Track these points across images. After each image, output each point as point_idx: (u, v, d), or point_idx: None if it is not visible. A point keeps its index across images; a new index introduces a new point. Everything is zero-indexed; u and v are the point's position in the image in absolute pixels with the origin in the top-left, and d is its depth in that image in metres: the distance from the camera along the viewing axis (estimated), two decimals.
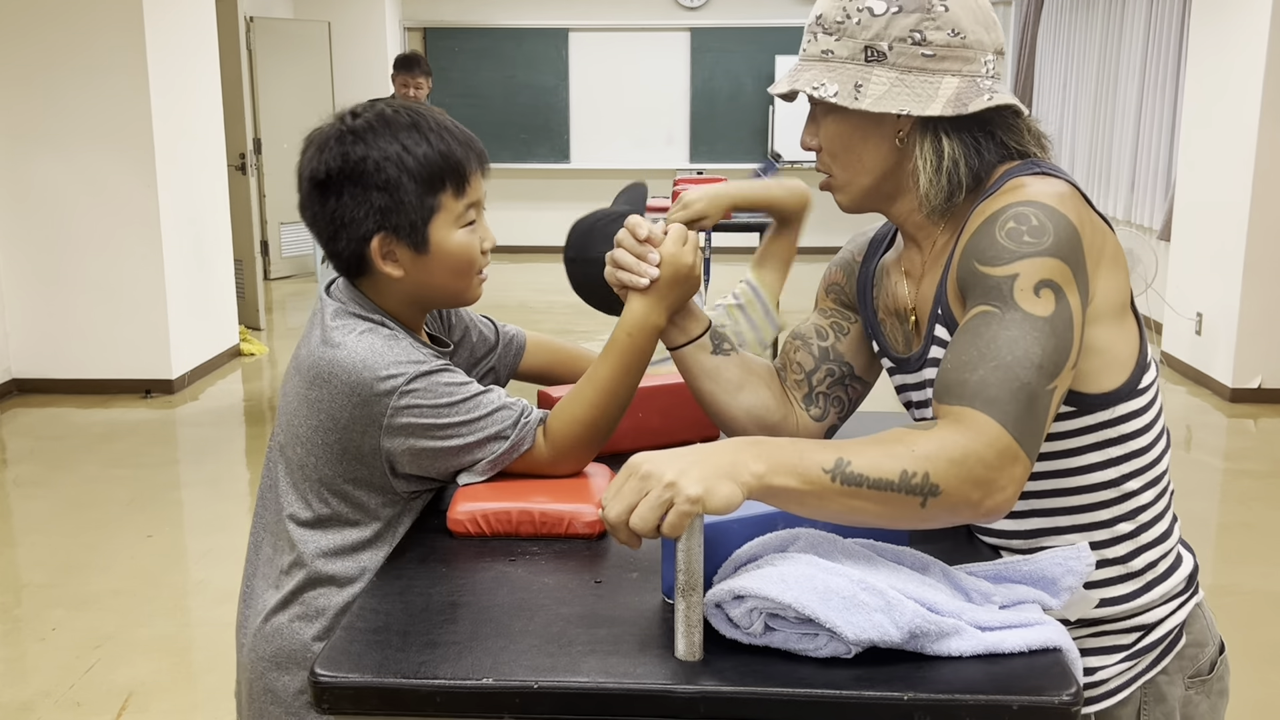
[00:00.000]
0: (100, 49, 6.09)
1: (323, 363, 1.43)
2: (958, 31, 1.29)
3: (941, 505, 1.10)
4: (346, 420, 1.43)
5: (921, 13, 1.29)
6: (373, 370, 1.41)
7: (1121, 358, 1.30)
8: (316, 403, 1.44)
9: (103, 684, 3.25)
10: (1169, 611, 1.40)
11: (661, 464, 1.07)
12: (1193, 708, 1.43)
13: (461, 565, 1.35)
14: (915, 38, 1.29)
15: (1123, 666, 1.39)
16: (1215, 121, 6.43)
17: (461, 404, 1.44)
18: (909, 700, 1.04)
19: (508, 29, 11.42)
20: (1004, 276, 1.19)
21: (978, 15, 1.31)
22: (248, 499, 4.87)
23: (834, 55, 1.32)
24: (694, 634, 1.10)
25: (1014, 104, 1.32)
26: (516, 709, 1.07)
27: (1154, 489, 1.37)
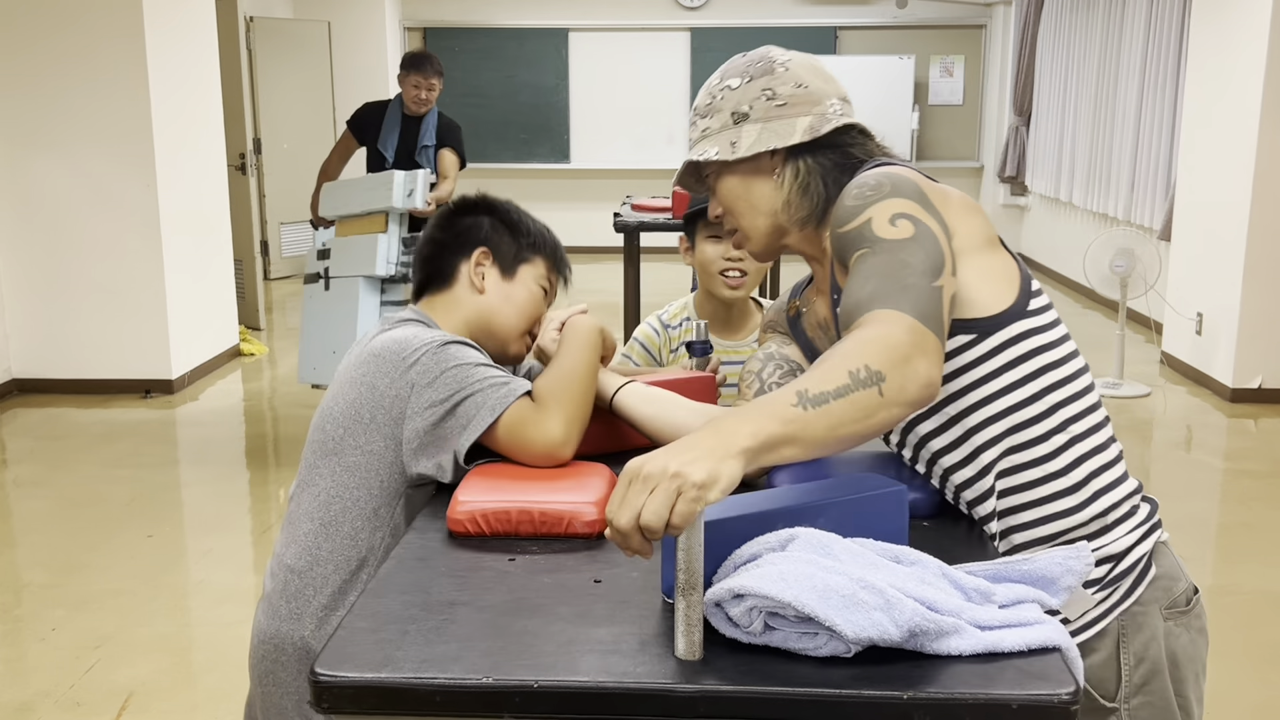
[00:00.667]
0: (100, 49, 6.09)
1: (377, 343, 1.66)
2: (800, 83, 1.56)
3: (892, 387, 1.19)
4: (384, 386, 1.61)
5: (768, 75, 1.56)
6: (410, 343, 1.63)
7: (1002, 281, 1.46)
8: (362, 379, 1.64)
9: (103, 684, 3.25)
10: (1134, 540, 1.49)
11: (660, 461, 1.08)
12: (1174, 639, 1.50)
13: (461, 564, 1.35)
14: (768, 94, 1.56)
15: (1097, 599, 1.47)
16: (1215, 122, 6.43)
17: (470, 366, 1.61)
18: (908, 699, 1.04)
19: (508, 29, 11.42)
20: (860, 224, 1.38)
21: (815, 71, 1.58)
22: (247, 499, 4.88)
23: (711, 130, 1.59)
24: (694, 633, 1.10)
25: (860, 125, 1.57)
26: (516, 708, 1.07)
27: (1079, 402, 1.47)
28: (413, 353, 1.61)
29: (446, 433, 1.59)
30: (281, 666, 1.67)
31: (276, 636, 1.68)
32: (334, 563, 1.66)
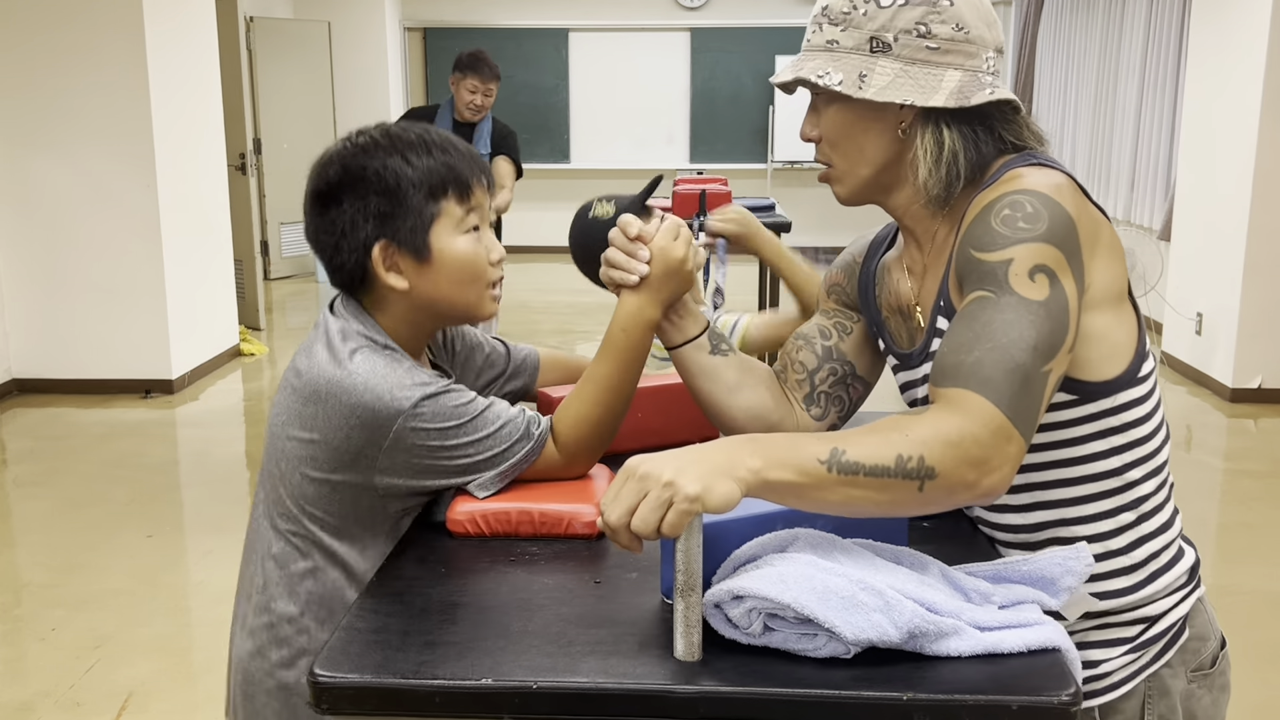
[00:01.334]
0: (100, 49, 6.09)
1: (322, 380, 1.41)
2: (961, 26, 1.31)
3: (939, 488, 1.10)
4: (341, 441, 1.40)
5: (927, 6, 1.31)
6: (375, 393, 1.38)
7: (1121, 346, 1.31)
8: (311, 419, 1.42)
9: (103, 684, 3.25)
10: (1172, 604, 1.40)
11: (658, 464, 1.07)
12: (1195, 701, 1.43)
13: (461, 565, 1.35)
14: (920, 30, 1.31)
15: (1126, 659, 1.40)
16: (1215, 121, 6.43)
17: (469, 424, 1.42)
18: (908, 700, 1.04)
19: (507, 29, 11.42)
20: (999, 261, 1.20)
21: (980, 12, 1.33)
22: (247, 499, 4.87)
23: (839, 45, 1.34)
24: (693, 634, 1.10)
25: (1014, 100, 1.34)
26: (516, 709, 1.07)
27: (1155, 479, 1.38)
28: (383, 422, 1.37)
29: (445, 485, 1.46)
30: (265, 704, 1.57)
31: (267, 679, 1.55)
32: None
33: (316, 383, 1.41)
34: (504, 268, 1.53)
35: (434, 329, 1.56)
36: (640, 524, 1.06)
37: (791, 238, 12.97)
